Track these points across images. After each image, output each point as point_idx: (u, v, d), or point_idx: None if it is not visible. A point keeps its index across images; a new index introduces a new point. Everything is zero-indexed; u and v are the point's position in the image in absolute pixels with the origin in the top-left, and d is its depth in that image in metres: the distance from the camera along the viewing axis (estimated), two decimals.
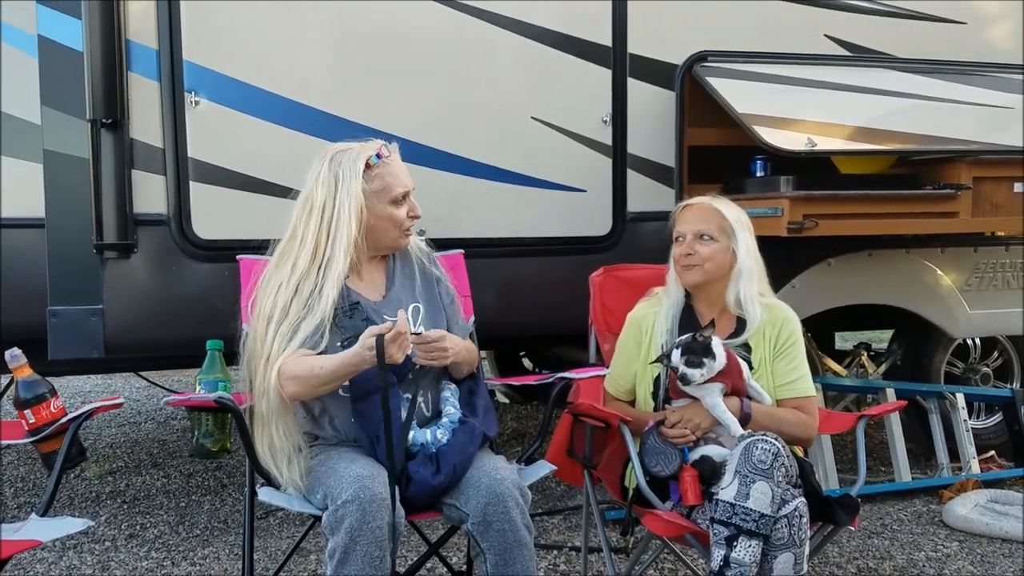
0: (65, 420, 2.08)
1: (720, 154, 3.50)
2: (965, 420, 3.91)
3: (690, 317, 2.43)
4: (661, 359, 2.33)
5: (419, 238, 2.37)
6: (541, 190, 3.33)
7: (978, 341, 4.25)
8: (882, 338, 5.23)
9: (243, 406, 2.09)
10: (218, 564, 3.07)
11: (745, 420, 2.25)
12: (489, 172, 3.28)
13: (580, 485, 2.59)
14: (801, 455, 2.35)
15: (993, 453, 4.00)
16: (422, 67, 3.19)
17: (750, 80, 3.39)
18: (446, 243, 2.55)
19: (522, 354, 5.54)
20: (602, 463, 2.50)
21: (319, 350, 2.06)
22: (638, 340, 2.48)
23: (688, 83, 3.40)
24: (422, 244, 2.37)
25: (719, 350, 2.24)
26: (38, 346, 2.71)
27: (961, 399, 3.93)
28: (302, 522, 3.33)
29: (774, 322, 2.41)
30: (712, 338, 2.24)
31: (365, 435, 2.07)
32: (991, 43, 3.83)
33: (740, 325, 2.40)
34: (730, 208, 2.43)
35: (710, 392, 2.25)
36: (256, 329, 2.11)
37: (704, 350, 2.22)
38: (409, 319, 2.19)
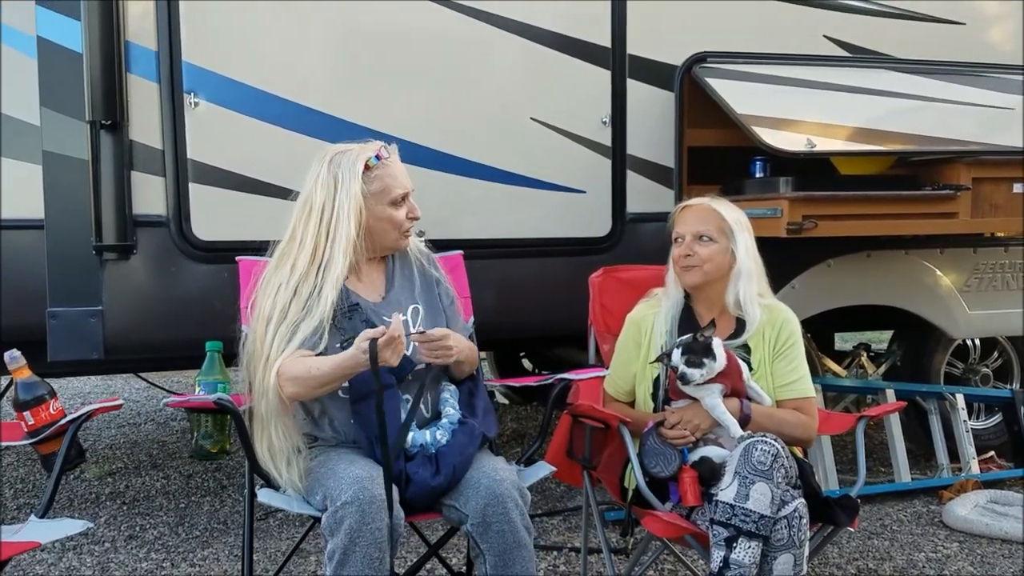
0: (64, 422, 2.07)
1: (719, 155, 3.50)
2: (965, 421, 3.91)
3: (689, 318, 2.43)
4: (661, 358, 2.33)
5: (418, 239, 2.37)
6: (540, 191, 3.33)
7: (978, 342, 4.25)
8: (882, 339, 5.24)
9: (242, 407, 2.09)
10: (218, 565, 3.07)
11: (745, 421, 2.24)
12: (488, 173, 3.28)
13: (580, 486, 2.59)
14: (801, 456, 2.35)
15: (993, 454, 4.00)
16: (421, 68, 3.19)
17: (749, 81, 3.39)
18: (446, 244, 2.55)
19: (522, 355, 5.54)
20: (602, 464, 2.49)
21: (318, 351, 2.06)
22: (637, 341, 2.48)
23: (687, 84, 3.41)
24: (421, 245, 2.36)
25: (719, 351, 2.24)
26: (37, 347, 2.71)
27: (961, 400, 3.93)
28: (302, 523, 3.33)
29: (773, 323, 2.41)
30: (713, 338, 2.24)
31: (364, 436, 2.07)
32: (990, 44, 3.83)
33: (739, 326, 2.40)
34: (729, 209, 2.43)
35: (710, 393, 2.25)
36: (255, 330, 2.11)
37: (705, 350, 2.22)
38: (408, 320, 2.20)
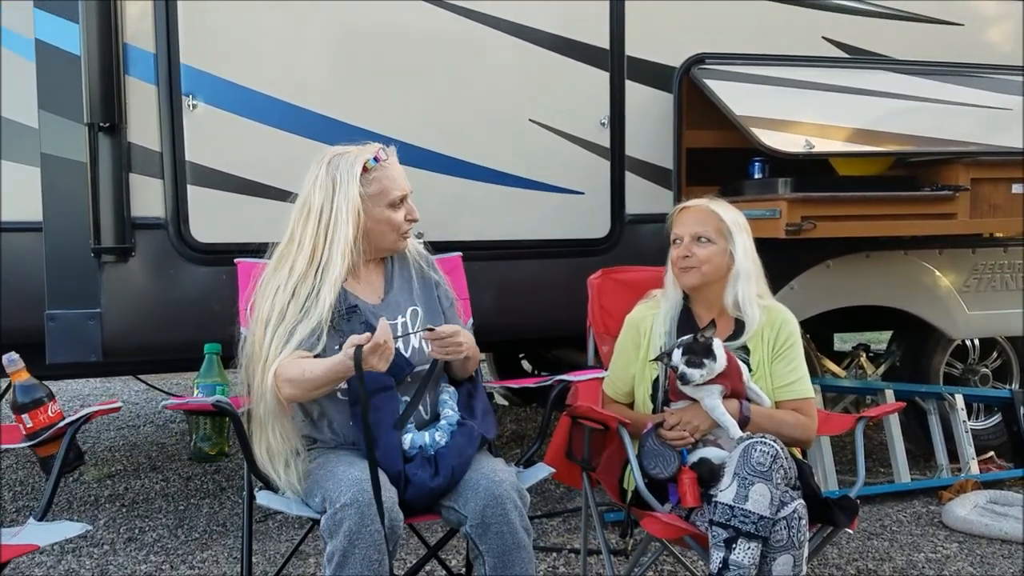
0: (63, 424, 2.07)
1: (718, 156, 3.50)
2: (964, 421, 3.91)
3: (688, 319, 2.43)
4: (661, 358, 2.32)
5: (417, 241, 2.37)
6: (539, 192, 3.33)
7: (977, 342, 4.25)
8: (881, 339, 5.24)
9: (241, 409, 2.09)
10: (217, 567, 3.06)
11: (744, 422, 2.24)
12: (487, 175, 3.28)
13: (579, 487, 2.59)
14: (800, 457, 2.35)
15: (992, 454, 4.00)
16: (420, 70, 3.19)
17: (748, 82, 3.39)
18: (445, 246, 2.55)
19: (521, 356, 5.54)
20: (601, 465, 2.49)
21: (316, 352, 2.06)
22: (636, 342, 2.48)
23: (686, 85, 3.41)
24: (420, 247, 2.36)
25: (720, 351, 2.24)
26: (36, 350, 2.71)
27: (960, 400, 3.93)
28: (301, 525, 3.33)
29: (772, 324, 2.41)
30: (713, 339, 2.24)
31: (363, 438, 2.06)
32: (989, 44, 3.83)
33: (738, 327, 2.40)
34: (727, 210, 2.43)
35: (709, 394, 2.25)
36: (254, 332, 2.11)
37: (705, 351, 2.22)
38: (408, 322, 2.20)
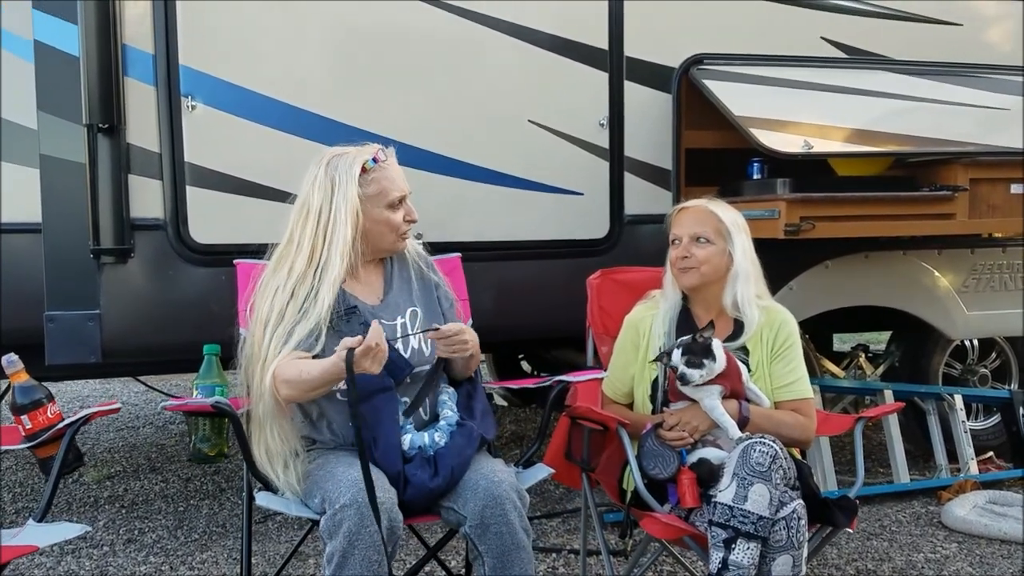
0: (62, 425, 2.07)
1: (717, 157, 3.50)
2: (963, 421, 3.91)
3: (687, 320, 2.43)
4: (661, 357, 2.32)
5: (416, 242, 2.37)
6: (538, 193, 3.33)
7: (976, 342, 4.25)
8: (880, 340, 5.24)
9: (240, 410, 2.09)
10: (216, 568, 3.06)
11: (743, 423, 2.24)
12: (486, 175, 3.28)
13: (578, 488, 2.59)
14: (799, 457, 2.35)
15: (991, 454, 4.00)
16: (419, 71, 3.19)
17: (747, 83, 3.40)
18: (444, 247, 2.55)
19: (520, 357, 5.54)
20: (600, 466, 2.49)
21: (315, 352, 2.06)
22: (636, 343, 2.48)
23: (685, 86, 3.41)
24: (419, 248, 2.36)
25: (719, 352, 2.24)
26: (35, 351, 2.71)
27: (959, 400, 3.93)
28: (300, 526, 3.32)
29: (771, 324, 2.41)
30: (713, 339, 2.24)
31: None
32: (987, 45, 3.83)
33: (738, 328, 2.40)
34: (726, 211, 2.43)
35: (709, 394, 2.25)
36: (253, 333, 2.11)
37: (705, 351, 2.22)
38: (407, 323, 2.20)
